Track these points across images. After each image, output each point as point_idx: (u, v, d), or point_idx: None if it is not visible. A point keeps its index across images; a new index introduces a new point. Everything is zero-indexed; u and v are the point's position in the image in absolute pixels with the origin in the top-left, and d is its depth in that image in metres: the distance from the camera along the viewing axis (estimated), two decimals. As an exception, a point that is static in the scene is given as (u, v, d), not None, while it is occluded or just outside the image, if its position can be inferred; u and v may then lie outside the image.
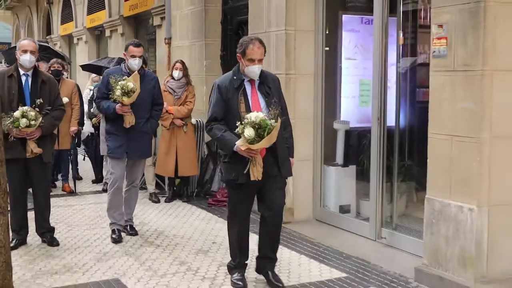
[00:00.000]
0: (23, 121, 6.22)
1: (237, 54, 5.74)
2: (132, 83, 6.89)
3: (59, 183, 11.15)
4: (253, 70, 5.62)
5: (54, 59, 11.19)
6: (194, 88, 9.85)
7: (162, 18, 12.28)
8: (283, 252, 6.87)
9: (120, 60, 11.62)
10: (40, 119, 6.40)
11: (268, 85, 5.74)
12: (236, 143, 5.40)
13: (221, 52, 10.86)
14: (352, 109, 8.36)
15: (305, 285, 5.95)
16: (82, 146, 12.54)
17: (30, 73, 6.71)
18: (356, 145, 8.14)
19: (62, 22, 22.27)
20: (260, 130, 5.27)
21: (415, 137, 7.45)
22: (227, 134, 5.57)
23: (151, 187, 9.98)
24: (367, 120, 7.62)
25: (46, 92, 6.70)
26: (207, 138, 10.27)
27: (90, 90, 11.68)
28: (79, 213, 9.03)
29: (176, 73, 9.52)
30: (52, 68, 10.42)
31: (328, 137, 8.26)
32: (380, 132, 7.23)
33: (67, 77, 10.81)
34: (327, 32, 8.21)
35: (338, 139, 8.23)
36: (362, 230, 7.38)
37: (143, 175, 9.41)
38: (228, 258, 5.97)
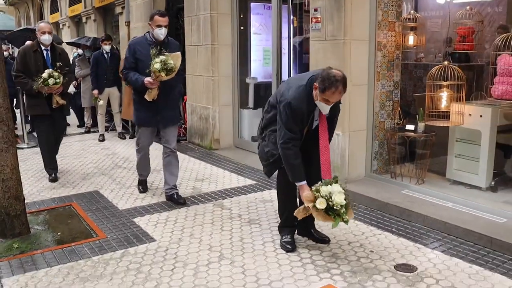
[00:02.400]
0: (51, 81, 6.05)
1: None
2: (172, 61, 5.17)
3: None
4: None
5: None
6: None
7: (123, 7, 11.99)
8: (213, 169, 7.03)
9: (95, 40, 11.48)
10: (61, 77, 6.17)
11: None
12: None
13: (166, 31, 10.69)
14: (259, 69, 8.41)
15: (228, 189, 6.07)
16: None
17: (49, 48, 6.45)
18: (263, 94, 8.21)
19: (51, 13, 21.81)
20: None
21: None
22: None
23: (119, 128, 9.87)
24: (269, 76, 7.70)
25: (62, 61, 6.44)
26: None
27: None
28: (69, 147, 8.89)
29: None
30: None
31: (242, 88, 8.26)
32: (278, 84, 7.33)
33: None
34: (241, 16, 8.23)
35: (249, 90, 8.22)
36: None
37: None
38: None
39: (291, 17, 7.94)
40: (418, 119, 5.64)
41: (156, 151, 8.35)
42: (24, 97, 10.19)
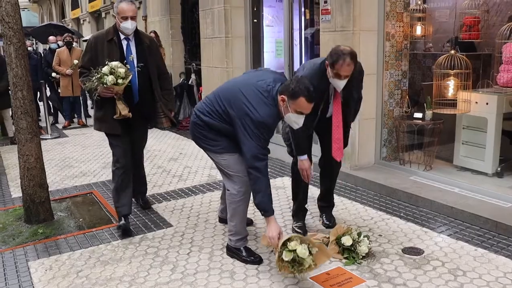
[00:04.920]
0: (109, 79, 4.02)
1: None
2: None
3: (75, 120, 10.95)
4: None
5: (66, 33, 11.01)
6: (164, 49, 9.73)
7: (140, 2, 12.01)
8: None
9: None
10: (130, 77, 4.12)
11: None
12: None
13: (181, 24, 10.67)
14: (271, 60, 8.36)
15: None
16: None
17: (131, 37, 4.35)
18: (275, 85, 8.17)
19: (72, 9, 21.90)
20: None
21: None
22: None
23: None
24: (281, 67, 7.70)
25: (152, 57, 4.45)
26: (174, 83, 10.31)
27: None
28: (89, 138, 9.00)
29: (152, 40, 9.08)
30: (65, 40, 10.20)
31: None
32: (290, 75, 7.31)
33: (75, 46, 10.58)
34: (254, 9, 8.20)
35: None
36: (279, 140, 7.43)
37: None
38: (191, 163, 6.01)
39: (303, 9, 7.91)
40: (426, 107, 5.61)
41: (170, 139, 8.44)
42: (47, 89, 10.40)
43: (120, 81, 4.08)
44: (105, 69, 4.05)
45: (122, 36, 4.31)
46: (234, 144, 3.61)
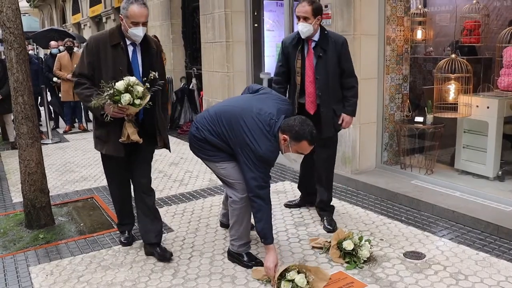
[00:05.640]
0: (126, 98, 3.39)
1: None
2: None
3: (76, 125, 10.96)
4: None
5: (67, 38, 11.05)
6: (165, 54, 9.74)
7: (141, 6, 12.06)
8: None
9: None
10: (148, 98, 3.51)
11: None
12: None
13: (182, 29, 10.69)
14: (272, 64, 8.36)
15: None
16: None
17: (138, 44, 3.72)
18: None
19: (73, 14, 22.00)
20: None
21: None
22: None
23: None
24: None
25: (158, 65, 3.83)
26: (175, 88, 10.33)
27: None
28: (90, 143, 8.99)
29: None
30: (66, 45, 10.22)
31: (256, 83, 8.24)
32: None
33: (76, 51, 10.60)
34: (254, 13, 8.22)
35: (263, 85, 8.24)
36: None
37: None
38: (192, 168, 6.01)
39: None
40: (426, 111, 5.62)
41: (170, 144, 8.41)
42: (48, 94, 10.41)
43: (137, 101, 3.47)
44: (120, 85, 3.42)
45: (127, 41, 3.70)
46: (233, 156, 3.58)
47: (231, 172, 3.64)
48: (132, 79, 3.48)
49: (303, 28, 4.15)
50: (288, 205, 5.06)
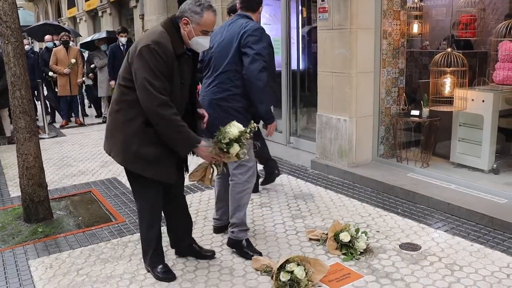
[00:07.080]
0: (236, 147, 3.01)
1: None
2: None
3: (73, 119, 10.96)
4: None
5: (63, 32, 11.06)
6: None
7: (137, 1, 12.05)
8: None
9: (109, 32, 11.50)
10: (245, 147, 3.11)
11: None
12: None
13: (179, 23, 10.73)
14: (268, 59, 8.44)
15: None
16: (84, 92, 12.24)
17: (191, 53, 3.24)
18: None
19: (68, 8, 21.92)
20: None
21: (310, 75, 7.58)
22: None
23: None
24: (279, 65, 7.71)
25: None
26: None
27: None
28: (87, 137, 9.04)
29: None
30: (62, 39, 10.23)
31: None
32: (287, 73, 7.38)
33: (72, 45, 10.62)
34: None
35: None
36: (277, 138, 7.49)
37: None
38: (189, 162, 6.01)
39: (300, 7, 7.93)
40: (422, 104, 5.66)
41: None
42: (45, 88, 10.41)
43: (241, 152, 3.06)
44: (236, 133, 3.01)
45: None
46: None
47: None
48: (241, 127, 3.07)
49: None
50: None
